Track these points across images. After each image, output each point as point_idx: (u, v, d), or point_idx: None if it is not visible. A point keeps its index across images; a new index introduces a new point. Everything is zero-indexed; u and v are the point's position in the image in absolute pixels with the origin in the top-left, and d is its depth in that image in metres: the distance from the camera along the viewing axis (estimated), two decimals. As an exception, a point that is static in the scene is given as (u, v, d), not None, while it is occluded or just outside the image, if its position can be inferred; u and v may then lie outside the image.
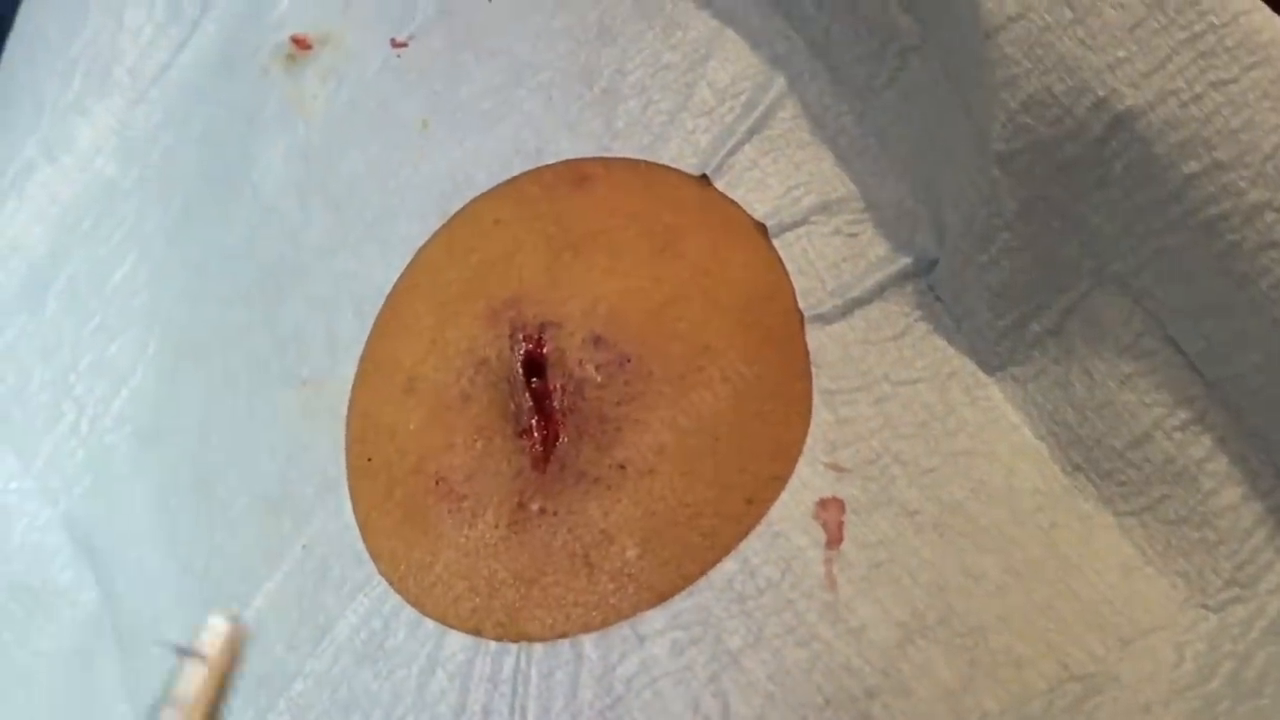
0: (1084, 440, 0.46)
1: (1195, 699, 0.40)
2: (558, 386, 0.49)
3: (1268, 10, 0.39)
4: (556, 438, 0.48)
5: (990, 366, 0.48)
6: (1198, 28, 0.39)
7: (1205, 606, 0.43)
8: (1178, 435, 0.44)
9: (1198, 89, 0.39)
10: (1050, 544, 0.44)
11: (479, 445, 0.49)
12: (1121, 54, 0.40)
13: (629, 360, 0.48)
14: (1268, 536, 0.42)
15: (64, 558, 0.57)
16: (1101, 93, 0.41)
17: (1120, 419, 0.45)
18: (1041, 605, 0.43)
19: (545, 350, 0.50)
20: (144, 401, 0.59)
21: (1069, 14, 0.41)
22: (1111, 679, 0.41)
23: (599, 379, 0.48)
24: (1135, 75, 0.40)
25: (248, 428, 0.56)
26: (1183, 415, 0.44)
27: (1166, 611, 0.43)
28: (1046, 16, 0.41)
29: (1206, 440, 0.43)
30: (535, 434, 0.49)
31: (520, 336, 0.51)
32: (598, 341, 0.49)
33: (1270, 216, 0.39)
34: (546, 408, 0.49)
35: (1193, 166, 0.40)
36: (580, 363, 0.49)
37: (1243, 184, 0.39)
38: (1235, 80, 0.39)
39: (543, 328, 0.50)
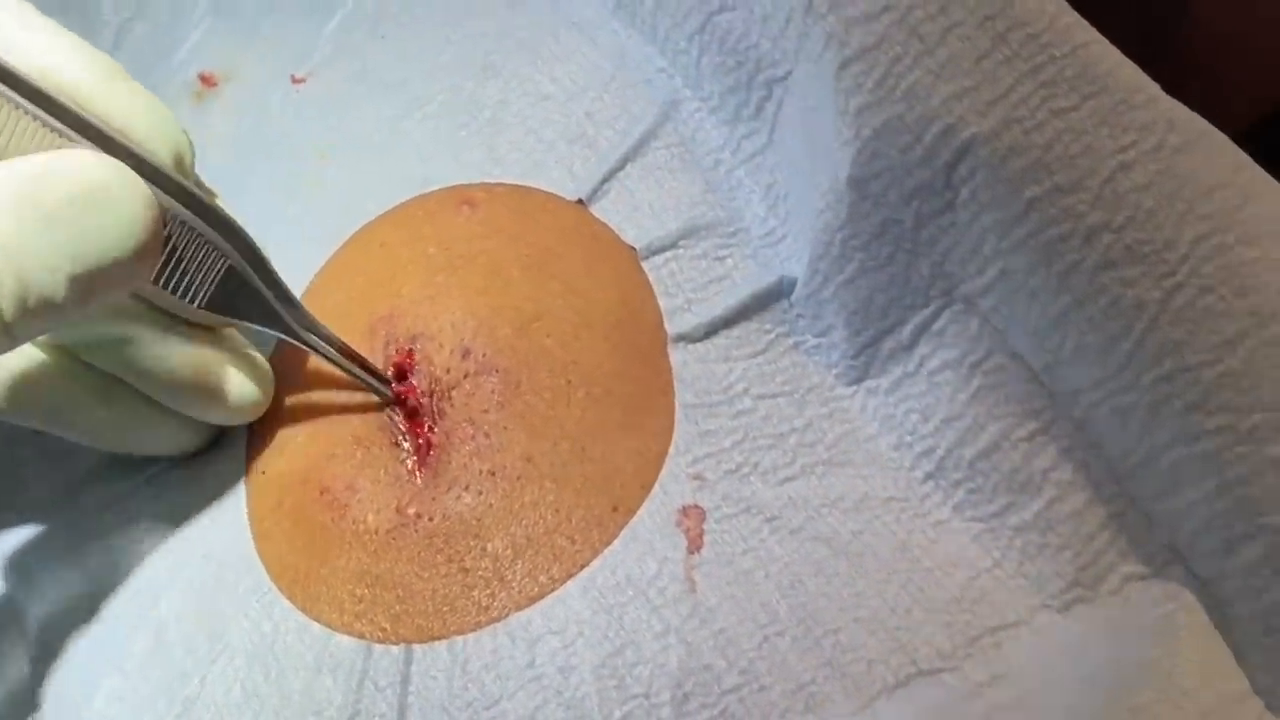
0: (936, 451, 0.45)
1: (1034, 689, 0.40)
2: (426, 392, 0.48)
3: (1106, 42, 0.39)
4: (430, 446, 0.47)
5: (848, 380, 0.48)
6: (1039, 59, 0.39)
7: (1050, 607, 0.43)
8: (1024, 446, 0.44)
9: (1039, 117, 0.39)
10: (903, 548, 0.44)
11: (358, 455, 0.48)
12: (967, 84, 0.40)
13: (497, 371, 0.47)
14: (1109, 541, 0.42)
15: None
16: (949, 120, 0.41)
17: (970, 431, 0.45)
18: (893, 606, 0.42)
19: (414, 360, 0.49)
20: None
21: (919, 46, 0.41)
22: (958, 674, 0.41)
23: (467, 387, 0.47)
24: (980, 104, 0.40)
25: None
26: (1029, 427, 0.43)
27: (1013, 611, 0.43)
28: (898, 48, 0.41)
29: (1051, 450, 0.43)
30: (408, 442, 0.47)
31: (390, 347, 0.49)
32: (466, 353, 0.48)
33: (1108, 238, 0.39)
34: (416, 414, 0.48)
35: (1034, 190, 0.40)
36: (448, 370, 0.48)
37: (1082, 207, 0.39)
38: (1075, 108, 0.39)
39: (413, 339, 0.49)
